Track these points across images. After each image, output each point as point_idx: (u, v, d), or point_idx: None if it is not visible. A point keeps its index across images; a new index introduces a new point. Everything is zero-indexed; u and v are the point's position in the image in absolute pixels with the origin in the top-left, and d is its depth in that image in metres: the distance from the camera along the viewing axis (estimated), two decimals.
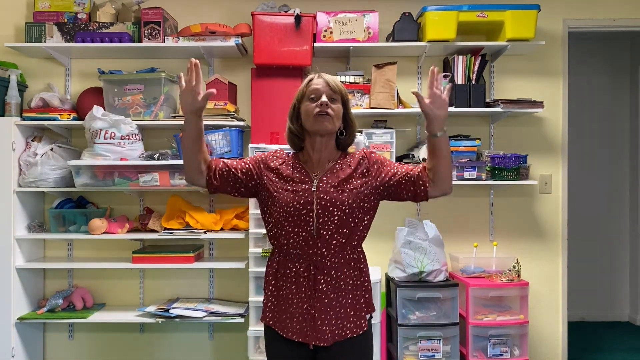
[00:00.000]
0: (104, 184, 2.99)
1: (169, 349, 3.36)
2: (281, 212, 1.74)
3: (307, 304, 1.73)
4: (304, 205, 1.72)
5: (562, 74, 3.37)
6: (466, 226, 3.36)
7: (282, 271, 1.78)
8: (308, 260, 1.74)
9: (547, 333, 3.37)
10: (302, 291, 1.74)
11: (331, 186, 1.75)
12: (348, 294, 1.75)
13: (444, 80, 3.15)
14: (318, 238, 1.72)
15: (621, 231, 4.87)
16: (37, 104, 3.10)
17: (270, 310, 1.81)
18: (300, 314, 1.73)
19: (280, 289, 1.78)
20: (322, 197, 1.72)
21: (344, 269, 1.76)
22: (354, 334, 1.75)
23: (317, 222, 1.72)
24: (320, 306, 1.72)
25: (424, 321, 2.93)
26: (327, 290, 1.73)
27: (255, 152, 2.99)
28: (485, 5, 3.06)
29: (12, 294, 3.02)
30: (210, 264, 3.16)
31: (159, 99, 3.05)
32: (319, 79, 1.81)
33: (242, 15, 3.26)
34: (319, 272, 1.73)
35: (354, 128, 1.85)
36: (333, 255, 1.74)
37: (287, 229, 1.74)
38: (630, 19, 3.38)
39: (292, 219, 1.73)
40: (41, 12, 3.18)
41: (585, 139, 4.80)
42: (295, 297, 1.75)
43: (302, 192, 1.74)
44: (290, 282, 1.76)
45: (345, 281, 1.76)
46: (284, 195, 1.75)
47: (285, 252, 1.78)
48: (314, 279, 1.73)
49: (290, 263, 1.77)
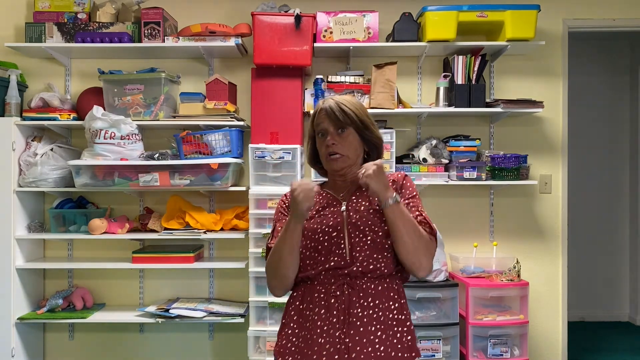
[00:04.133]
0: (104, 184, 2.99)
1: (169, 349, 3.36)
2: (308, 241, 1.55)
3: (339, 330, 1.48)
4: (333, 228, 1.55)
5: (562, 74, 3.37)
6: (466, 226, 3.36)
7: (308, 298, 1.55)
8: (342, 280, 1.52)
9: (547, 333, 3.37)
10: (334, 315, 1.49)
11: (361, 205, 1.58)
12: (388, 329, 1.50)
13: (444, 80, 3.15)
14: (351, 261, 1.52)
15: (621, 231, 4.87)
16: (37, 104, 3.10)
17: (290, 353, 1.54)
18: (332, 344, 1.48)
19: (307, 319, 1.53)
20: (353, 216, 1.56)
21: (383, 298, 1.53)
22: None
23: (349, 243, 1.53)
24: (355, 335, 1.47)
25: (424, 321, 2.94)
26: (364, 318, 1.49)
27: (255, 152, 3.00)
28: (485, 5, 3.06)
29: (12, 294, 3.02)
30: (210, 264, 3.16)
31: (159, 99, 3.05)
32: (322, 111, 1.61)
33: (242, 15, 3.26)
34: (355, 293, 1.51)
35: (380, 146, 1.67)
36: (369, 279, 1.53)
37: (317, 259, 1.55)
38: (630, 19, 3.38)
39: (322, 245, 1.54)
40: (41, 12, 3.18)
41: (585, 139, 4.81)
42: (325, 324, 1.49)
43: (330, 215, 1.58)
44: (319, 307, 1.52)
45: (385, 314, 1.52)
46: (310, 224, 1.57)
47: (312, 279, 1.56)
48: (348, 302, 1.50)
49: (319, 286, 1.54)
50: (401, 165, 3.12)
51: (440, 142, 3.15)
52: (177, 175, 2.98)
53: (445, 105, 3.15)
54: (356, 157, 1.62)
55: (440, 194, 3.34)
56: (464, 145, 3.15)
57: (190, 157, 3.02)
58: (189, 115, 3.05)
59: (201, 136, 3.02)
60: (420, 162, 3.13)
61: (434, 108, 3.15)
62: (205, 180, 2.97)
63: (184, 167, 2.97)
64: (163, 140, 3.26)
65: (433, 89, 3.26)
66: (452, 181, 3.11)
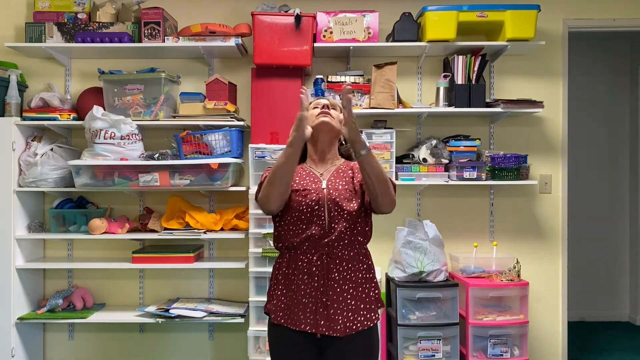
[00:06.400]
0: (104, 184, 2.99)
1: (169, 349, 3.36)
2: (294, 212, 1.83)
3: (319, 292, 1.78)
4: (315, 202, 1.82)
5: (562, 74, 3.37)
6: (466, 226, 3.36)
7: (293, 265, 1.83)
8: (321, 250, 1.81)
9: (547, 333, 3.37)
10: (315, 280, 1.79)
11: (339, 184, 1.87)
12: (359, 286, 1.82)
13: (444, 80, 3.15)
14: (330, 232, 1.80)
15: (621, 231, 4.87)
16: (37, 104, 3.10)
17: (280, 309, 1.84)
18: (314, 303, 1.78)
19: (292, 283, 1.83)
20: (332, 192, 1.84)
21: (355, 262, 1.83)
22: (365, 327, 1.80)
23: (328, 216, 1.81)
24: (333, 295, 1.78)
25: (424, 321, 2.93)
26: (340, 280, 1.80)
27: (255, 152, 3.01)
28: (485, 5, 3.06)
29: (12, 294, 3.02)
30: (210, 264, 3.16)
31: (159, 99, 3.05)
32: (319, 99, 1.98)
33: (242, 15, 3.26)
34: (332, 261, 1.80)
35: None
36: (344, 247, 1.82)
37: (301, 227, 1.82)
38: (630, 19, 3.38)
39: (305, 216, 1.82)
40: (41, 12, 3.18)
41: (585, 138, 4.81)
42: (308, 287, 1.79)
43: (313, 191, 1.84)
44: (302, 274, 1.81)
45: (356, 274, 1.83)
46: (296, 197, 1.84)
47: (296, 248, 1.83)
48: (327, 268, 1.79)
49: (302, 255, 1.82)
50: (401, 165, 3.12)
51: (440, 142, 3.15)
52: (177, 175, 2.98)
53: (445, 105, 3.15)
54: (337, 131, 1.90)
55: (440, 194, 3.35)
56: (464, 145, 3.15)
57: (190, 157, 3.02)
58: (189, 115, 3.05)
59: (201, 136, 3.02)
60: (420, 162, 3.13)
61: (434, 108, 3.15)
62: (205, 180, 2.97)
63: (184, 167, 2.97)
64: (163, 140, 3.26)
65: (433, 89, 3.26)
66: (452, 181, 3.11)
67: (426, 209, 3.37)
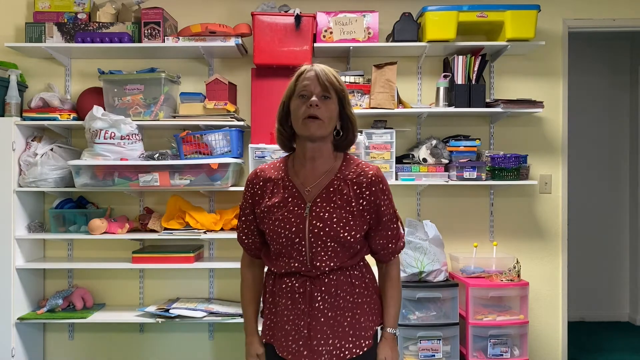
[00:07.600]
0: (104, 184, 2.99)
1: (169, 349, 3.36)
2: (273, 243, 1.62)
3: (303, 321, 1.60)
4: (295, 234, 1.57)
5: (562, 74, 3.37)
6: (466, 226, 3.36)
7: (277, 286, 1.65)
8: (304, 277, 1.61)
9: (547, 333, 3.37)
10: (299, 308, 1.60)
11: (326, 212, 1.57)
12: (346, 312, 1.61)
13: (444, 80, 3.15)
14: (312, 268, 1.59)
15: (621, 231, 4.87)
16: (37, 104, 3.10)
17: (269, 328, 1.69)
18: (297, 331, 1.61)
19: (277, 305, 1.66)
20: (316, 224, 1.56)
21: (344, 286, 1.61)
22: (353, 354, 1.61)
23: (309, 251, 1.57)
24: (317, 325, 1.59)
25: (424, 321, 2.94)
26: (325, 308, 1.59)
27: (255, 152, 3.00)
28: (485, 5, 3.06)
29: (12, 294, 3.02)
30: (210, 264, 3.16)
31: (159, 99, 3.05)
32: (310, 72, 1.60)
33: (242, 15, 3.26)
34: (316, 289, 1.59)
35: (354, 126, 1.64)
36: (330, 274, 1.60)
37: (282, 260, 1.62)
38: (630, 19, 3.38)
39: (286, 249, 1.59)
40: (41, 12, 3.18)
41: (585, 139, 4.81)
42: (291, 313, 1.62)
43: (293, 217, 1.58)
44: (285, 298, 1.63)
45: (345, 299, 1.61)
46: (274, 227, 1.60)
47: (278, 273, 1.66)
48: (309, 296, 1.59)
49: (286, 278, 1.63)
50: (401, 165, 3.12)
51: (440, 142, 3.15)
52: (177, 175, 2.98)
53: (445, 105, 3.15)
54: (331, 129, 1.60)
55: (440, 194, 3.34)
56: (464, 145, 3.15)
57: (190, 157, 3.02)
58: (189, 115, 3.05)
59: (201, 136, 3.02)
60: (420, 162, 3.13)
61: (434, 108, 3.15)
62: (205, 180, 2.97)
63: (184, 167, 2.97)
64: (163, 140, 3.26)
65: (433, 89, 3.26)
66: (452, 181, 3.11)
67: (426, 209, 3.37)
